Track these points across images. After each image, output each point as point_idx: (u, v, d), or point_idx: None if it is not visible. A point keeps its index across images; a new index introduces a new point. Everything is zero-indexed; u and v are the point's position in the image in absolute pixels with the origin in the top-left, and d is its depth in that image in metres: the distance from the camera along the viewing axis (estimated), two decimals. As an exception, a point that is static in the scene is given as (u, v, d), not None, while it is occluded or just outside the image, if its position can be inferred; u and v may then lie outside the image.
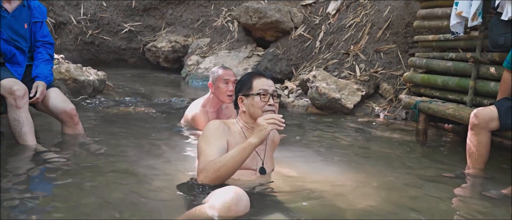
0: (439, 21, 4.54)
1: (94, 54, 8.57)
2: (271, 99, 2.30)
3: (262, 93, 2.29)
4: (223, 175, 2.11)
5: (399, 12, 5.83)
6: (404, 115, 5.06)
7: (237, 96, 2.38)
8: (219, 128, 2.27)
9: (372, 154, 3.54)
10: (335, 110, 5.15)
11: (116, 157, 2.89)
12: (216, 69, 3.55)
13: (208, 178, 2.10)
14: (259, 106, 2.29)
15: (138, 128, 3.83)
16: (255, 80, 2.34)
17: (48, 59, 3.32)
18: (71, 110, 3.24)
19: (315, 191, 2.49)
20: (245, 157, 2.12)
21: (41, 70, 3.21)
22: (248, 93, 2.32)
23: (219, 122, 2.33)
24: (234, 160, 2.10)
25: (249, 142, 2.12)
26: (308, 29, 7.06)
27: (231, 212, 1.85)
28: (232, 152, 2.13)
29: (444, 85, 4.31)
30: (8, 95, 2.91)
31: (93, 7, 8.58)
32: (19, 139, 2.95)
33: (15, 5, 3.15)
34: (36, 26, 3.27)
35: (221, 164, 2.09)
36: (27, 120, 2.96)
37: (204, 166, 2.12)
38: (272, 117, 2.13)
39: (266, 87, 2.31)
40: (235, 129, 2.34)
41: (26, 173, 2.59)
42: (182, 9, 8.89)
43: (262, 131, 2.11)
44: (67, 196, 2.20)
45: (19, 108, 2.92)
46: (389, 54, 5.74)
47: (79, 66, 5.20)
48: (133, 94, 5.57)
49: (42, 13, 3.33)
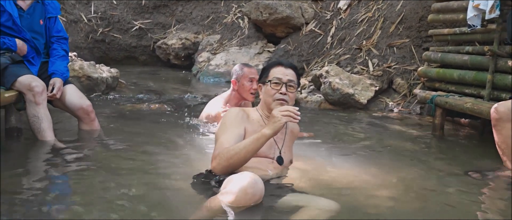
0: (455, 15, 4.48)
1: (104, 52, 8.59)
2: (284, 88, 2.29)
3: (275, 81, 2.30)
4: (236, 163, 2.11)
5: (412, 6, 5.77)
6: (418, 109, 5.01)
7: (258, 84, 2.43)
8: (238, 115, 2.29)
9: (389, 149, 3.51)
10: (349, 105, 5.12)
11: (134, 153, 2.89)
12: (240, 67, 3.55)
13: (220, 165, 2.12)
14: (271, 94, 2.30)
15: (154, 124, 3.83)
16: (273, 68, 2.36)
17: (63, 55, 3.33)
18: (88, 106, 3.25)
19: (333, 186, 2.48)
20: (258, 147, 2.13)
21: (57, 67, 3.22)
22: (264, 81, 2.35)
23: (239, 110, 2.35)
24: (247, 149, 2.10)
25: (263, 133, 2.13)
26: (319, 24, 7.02)
27: (248, 195, 1.89)
28: (246, 141, 2.14)
29: (460, 80, 4.26)
30: (27, 91, 2.93)
31: (104, 5, 8.61)
32: (38, 134, 2.96)
33: (29, 2, 3.16)
34: (50, 22, 3.28)
35: (234, 152, 2.10)
36: (46, 116, 2.97)
37: (218, 153, 2.14)
38: (287, 109, 2.13)
39: (280, 76, 2.32)
40: (254, 117, 2.35)
41: (45, 169, 2.61)
42: (192, 6, 8.88)
43: (276, 122, 2.11)
44: (86, 192, 2.20)
45: (38, 104, 2.93)
46: (402, 48, 5.68)
47: (92, 63, 5.22)
48: (146, 92, 5.58)
49: (55, 8, 3.33)
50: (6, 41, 3.02)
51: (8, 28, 3.05)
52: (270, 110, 2.28)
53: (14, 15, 3.03)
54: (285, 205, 2.07)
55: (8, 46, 3.02)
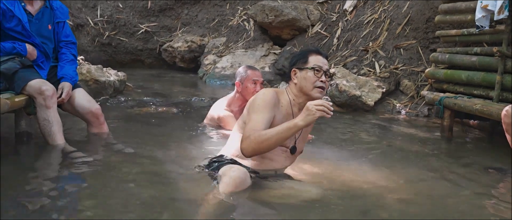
0: (462, 16, 4.46)
1: (111, 55, 8.63)
2: (324, 77, 2.33)
3: (317, 68, 2.33)
4: (265, 148, 2.20)
5: (419, 7, 5.75)
6: (426, 111, 4.99)
7: (290, 69, 2.42)
8: (272, 100, 2.31)
9: (398, 151, 3.49)
10: (356, 107, 5.10)
11: (142, 156, 2.90)
12: (244, 69, 3.55)
13: (250, 147, 2.19)
14: (311, 81, 2.32)
15: (162, 128, 3.84)
16: (312, 56, 2.38)
17: (72, 59, 3.35)
18: (97, 110, 3.26)
19: (344, 188, 2.47)
20: (288, 136, 2.20)
21: (66, 71, 3.24)
22: (303, 67, 2.35)
23: (273, 93, 2.37)
24: (278, 137, 2.17)
25: (295, 123, 2.16)
26: (325, 26, 7.01)
27: (237, 180, 2.17)
28: (278, 128, 2.18)
29: (468, 81, 4.24)
30: (38, 95, 2.94)
31: (110, 9, 8.65)
32: (49, 138, 2.98)
33: (37, 7, 3.17)
34: (59, 26, 3.29)
35: (266, 137, 2.16)
36: (56, 120, 2.99)
37: (249, 135, 2.19)
38: (323, 104, 2.15)
39: (321, 64, 2.35)
40: (283, 102, 2.38)
41: (55, 173, 2.63)
42: (198, 8, 8.90)
43: (309, 115, 2.13)
44: (95, 195, 2.21)
45: (49, 108, 2.94)
46: (409, 50, 5.66)
47: (99, 67, 5.24)
48: (153, 95, 5.60)
49: (64, 13, 3.35)
50: (17, 46, 3.04)
51: (17, 33, 3.07)
52: (306, 95, 2.32)
53: (24, 20, 3.05)
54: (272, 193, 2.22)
55: (18, 51, 3.04)
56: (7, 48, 3.02)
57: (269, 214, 2.13)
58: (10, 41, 3.05)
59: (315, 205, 2.19)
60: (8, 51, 3.02)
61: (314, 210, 2.14)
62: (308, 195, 2.28)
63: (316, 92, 2.32)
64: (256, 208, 2.14)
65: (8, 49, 3.02)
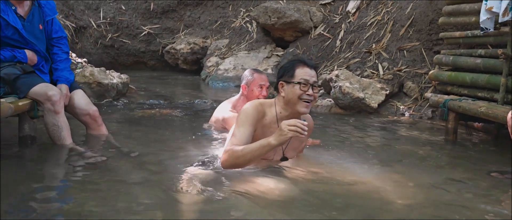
0: (466, 17, 4.44)
1: (114, 57, 8.64)
2: (311, 90, 2.36)
3: (303, 83, 2.35)
4: (241, 163, 2.32)
5: (423, 9, 5.73)
6: (430, 113, 4.97)
7: (278, 81, 2.44)
8: (254, 114, 2.38)
9: (403, 154, 3.48)
10: (359, 110, 5.09)
11: (147, 159, 2.89)
12: (250, 72, 3.55)
13: (228, 162, 2.33)
14: (297, 94, 2.35)
15: (165, 130, 3.83)
16: (298, 68, 2.39)
17: (66, 58, 3.29)
18: (94, 112, 3.25)
19: (350, 192, 2.45)
20: (263, 153, 2.29)
21: (60, 73, 3.21)
22: (289, 81, 2.37)
23: (257, 105, 2.42)
24: (252, 154, 2.27)
25: (269, 142, 2.24)
26: (327, 28, 7.00)
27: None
28: (252, 146, 2.27)
29: (473, 83, 4.22)
30: (45, 101, 2.93)
31: (112, 11, 8.66)
32: (58, 141, 2.98)
33: (27, 8, 3.08)
34: (48, 24, 3.22)
35: (241, 154, 2.27)
36: (65, 124, 2.99)
37: (228, 150, 2.32)
38: (295, 124, 2.19)
39: (307, 77, 2.37)
40: (269, 113, 2.43)
41: (60, 175, 2.64)
42: (200, 10, 8.90)
43: (282, 135, 2.21)
44: (100, 198, 2.21)
45: (58, 113, 2.94)
46: (412, 52, 5.65)
47: (102, 69, 5.24)
48: (156, 97, 5.59)
49: (52, 8, 3.25)
50: (17, 54, 3.01)
51: (15, 40, 3.02)
52: (292, 109, 2.38)
53: (19, 27, 2.99)
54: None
55: (19, 59, 3.02)
56: (7, 57, 2.99)
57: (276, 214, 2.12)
58: (9, 49, 3.00)
59: (318, 207, 2.18)
60: (9, 60, 3.00)
61: (316, 212, 2.13)
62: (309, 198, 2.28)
63: (301, 107, 2.36)
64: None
65: (8, 58, 3.00)
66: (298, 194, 2.32)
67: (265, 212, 2.12)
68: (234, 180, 2.39)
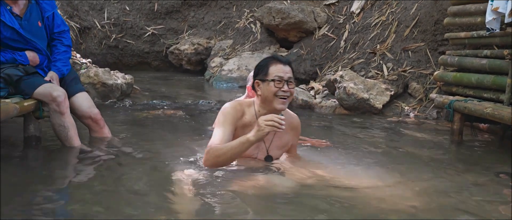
0: (472, 18, 4.42)
1: (118, 57, 8.66)
2: (285, 86, 2.38)
3: (277, 80, 2.37)
4: (222, 162, 2.36)
5: (427, 10, 5.71)
6: (435, 114, 4.95)
7: (254, 80, 2.47)
8: (232, 114, 2.43)
9: (407, 155, 3.46)
10: (364, 110, 5.07)
11: (152, 160, 2.89)
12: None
13: (209, 161, 2.37)
14: (273, 92, 2.37)
15: (170, 131, 3.83)
16: (272, 66, 2.41)
17: (64, 51, 3.25)
18: (96, 115, 3.23)
19: (354, 194, 2.43)
20: (243, 151, 2.31)
21: (53, 63, 3.17)
22: (264, 79, 2.40)
23: (236, 105, 2.47)
24: (232, 152, 2.30)
25: (247, 138, 2.28)
26: (332, 28, 6.98)
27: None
28: (232, 143, 2.31)
29: (478, 84, 4.20)
30: (51, 102, 2.93)
31: (117, 12, 8.68)
32: (66, 142, 2.99)
33: (23, 6, 3.03)
34: (49, 20, 3.18)
35: (222, 152, 2.31)
36: (72, 124, 2.99)
37: (209, 150, 2.36)
38: (272, 119, 2.23)
39: (281, 74, 2.39)
40: (248, 113, 2.47)
41: (65, 176, 2.63)
42: (204, 11, 8.91)
43: (259, 131, 2.24)
44: (104, 200, 2.21)
45: (63, 114, 2.93)
46: (417, 52, 5.62)
47: (107, 70, 5.25)
48: (160, 98, 5.59)
49: (50, 3, 3.19)
50: (17, 58, 2.99)
51: (15, 41, 2.99)
52: (269, 106, 2.40)
53: (16, 27, 2.96)
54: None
55: (20, 62, 3.02)
56: (8, 59, 2.98)
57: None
58: (10, 51, 2.99)
59: (321, 210, 2.17)
60: (10, 62, 2.99)
61: (320, 213, 2.12)
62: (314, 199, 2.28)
63: (278, 104, 2.39)
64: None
65: (9, 60, 2.98)
66: (301, 196, 2.31)
67: (270, 214, 2.11)
68: (239, 181, 2.39)
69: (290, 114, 2.65)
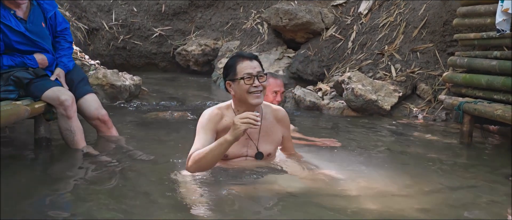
0: (481, 19, 4.38)
1: (125, 59, 8.69)
2: (256, 81, 2.40)
3: (247, 77, 2.39)
4: (204, 165, 2.38)
5: (436, 10, 5.67)
6: (444, 116, 4.92)
7: (225, 82, 2.50)
8: (209, 120, 2.45)
9: (417, 157, 3.44)
10: (372, 112, 5.05)
11: (160, 162, 2.90)
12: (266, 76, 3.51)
13: (191, 167, 2.40)
14: (245, 89, 2.39)
15: (178, 133, 3.84)
16: (239, 64, 2.43)
17: (68, 47, 3.31)
18: (103, 116, 3.27)
19: (362, 196, 2.43)
20: (222, 152, 2.34)
21: (59, 58, 3.23)
22: (234, 78, 2.42)
23: (213, 110, 2.50)
24: (212, 153, 2.32)
25: (225, 139, 2.30)
26: (339, 29, 6.96)
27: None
28: (211, 146, 2.34)
29: (488, 85, 4.16)
30: (58, 106, 2.95)
31: (124, 13, 8.72)
32: (72, 146, 3.01)
33: (26, 9, 3.06)
34: (51, 20, 3.22)
35: (202, 156, 2.34)
36: (78, 128, 3.01)
37: (189, 156, 2.40)
38: (247, 116, 2.25)
39: (249, 70, 2.41)
40: (228, 114, 2.48)
41: (74, 177, 2.65)
42: (211, 12, 8.92)
43: (235, 130, 2.26)
44: (115, 202, 2.22)
45: (70, 118, 2.96)
46: (426, 53, 5.59)
47: (115, 71, 5.28)
48: (168, 99, 5.61)
49: (51, 3, 3.23)
50: (27, 61, 3.03)
51: (23, 44, 3.02)
52: (245, 104, 2.42)
53: (22, 30, 2.99)
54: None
55: (30, 65, 3.05)
56: (18, 63, 3.02)
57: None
58: (19, 55, 3.02)
59: (331, 212, 2.16)
60: (20, 65, 3.03)
61: (328, 215, 2.12)
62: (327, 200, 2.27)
63: (252, 99, 2.40)
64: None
65: (19, 63, 3.02)
66: (309, 196, 2.31)
67: (280, 214, 2.11)
68: (246, 182, 2.40)
69: (273, 108, 2.67)
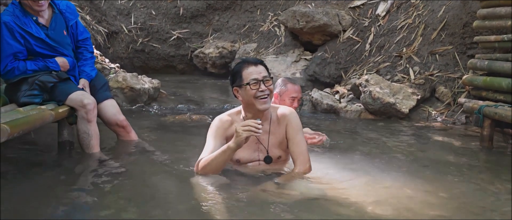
0: (502, 21, 4.32)
1: (144, 61, 8.83)
2: (262, 86, 2.43)
3: (253, 82, 2.43)
4: (210, 170, 2.47)
5: (456, 12, 5.60)
6: (463, 119, 4.85)
7: (232, 88, 2.54)
8: (218, 127, 2.53)
9: (435, 161, 3.41)
10: (390, 115, 5.02)
11: (178, 165, 2.94)
12: (284, 82, 3.53)
13: (199, 173, 2.51)
14: (252, 94, 2.43)
15: (197, 136, 3.88)
16: (245, 70, 2.47)
17: (90, 57, 3.40)
18: (122, 122, 3.33)
19: (380, 201, 2.43)
20: (226, 158, 2.43)
21: (82, 68, 3.32)
22: (241, 84, 2.46)
23: (222, 117, 2.58)
24: (216, 160, 2.42)
25: (228, 146, 2.38)
26: (357, 31, 6.93)
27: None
28: (215, 153, 2.42)
29: (509, 89, 4.10)
30: (80, 108, 3.03)
31: (143, 16, 8.85)
32: (86, 149, 3.08)
33: (48, 16, 3.13)
34: (73, 28, 3.29)
35: (207, 163, 2.44)
36: (95, 133, 3.08)
37: (197, 162, 2.52)
38: (248, 124, 2.31)
39: (255, 75, 2.44)
40: (238, 120, 2.54)
41: (99, 180, 2.70)
42: (229, 15, 8.98)
43: (237, 137, 2.32)
44: (134, 207, 2.26)
45: (90, 122, 3.04)
46: (445, 56, 5.53)
47: (134, 75, 5.37)
48: (186, 102, 5.68)
49: (73, 12, 3.31)
50: (49, 65, 3.11)
51: (44, 49, 3.10)
52: (253, 109, 2.47)
53: (43, 37, 3.06)
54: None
55: (52, 69, 3.13)
56: (41, 67, 3.10)
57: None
58: (41, 59, 3.10)
59: (344, 214, 2.17)
60: (43, 69, 3.11)
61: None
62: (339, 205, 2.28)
63: (260, 104, 2.45)
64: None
65: (42, 67, 3.11)
66: (322, 202, 2.32)
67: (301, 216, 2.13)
68: (261, 186, 2.43)
69: (278, 109, 2.66)
